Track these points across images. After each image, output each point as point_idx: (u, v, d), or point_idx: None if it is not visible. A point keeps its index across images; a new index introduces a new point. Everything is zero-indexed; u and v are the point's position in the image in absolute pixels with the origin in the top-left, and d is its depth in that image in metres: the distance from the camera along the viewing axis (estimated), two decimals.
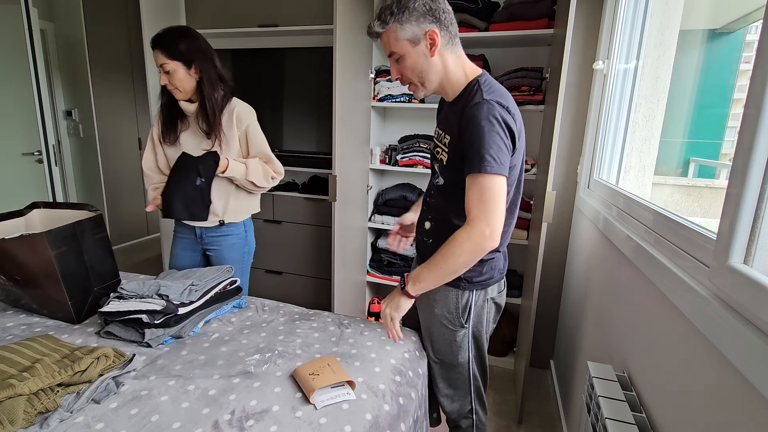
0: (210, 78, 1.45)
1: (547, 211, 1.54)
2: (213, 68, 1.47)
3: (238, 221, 1.63)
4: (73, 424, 0.84)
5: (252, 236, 1.72)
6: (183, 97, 1.47)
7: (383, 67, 2.25)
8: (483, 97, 1.00)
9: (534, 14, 1.91)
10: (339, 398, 0.93)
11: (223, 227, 1.61)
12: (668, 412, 0.81)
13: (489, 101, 0.99)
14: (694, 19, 2.00)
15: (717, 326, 0.63)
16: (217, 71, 1.49)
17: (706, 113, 2.48)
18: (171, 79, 1.41)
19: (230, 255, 1.64)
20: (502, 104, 1.01)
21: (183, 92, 1.45)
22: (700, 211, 2.17)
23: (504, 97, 1.04)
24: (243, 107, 1.55)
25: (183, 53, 1.40)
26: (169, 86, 1.43)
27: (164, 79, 1.41)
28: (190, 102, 1.49)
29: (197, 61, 1.42)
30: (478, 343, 1.21)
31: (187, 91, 1.45)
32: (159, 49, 1.39)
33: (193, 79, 1.44)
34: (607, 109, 1.75)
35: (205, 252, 1.67)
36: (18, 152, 2.97)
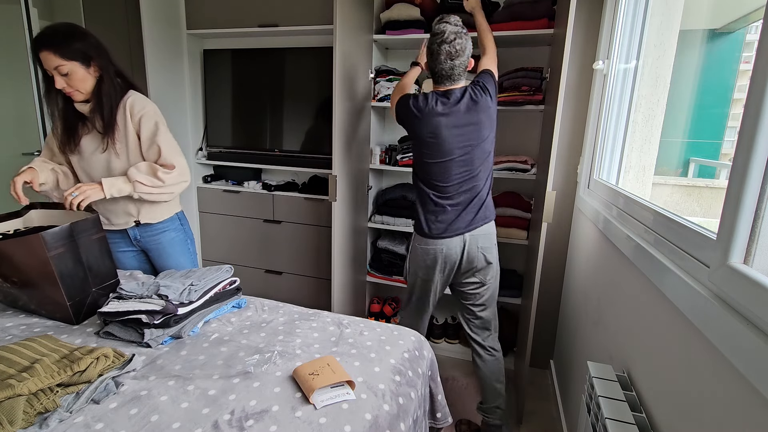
0: (110, 75, 1.38)
1: (547, 211, 1.54)
2: (111, 64, 1.39)
3: (163, 219, 1.59)
4: (72, 424, 0.84)
5: (189, 227, 1.68)
6: (82, 98, 1.37)
7: (383, 67, 2.25)
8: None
9: (534, 14, 1.91)
10: (339, 398, 0.93)
11: (157, 225, 1.57)
12: (668, 412, 0.81)
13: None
14: (694, 19, 2.00)
15: (717, 326, 0.63)
16: (115, 67, 1.42)
17: (706, 113, 2.48)
18: (69, 81, 1.31)
19: (174, 250, 1.61)
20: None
21: (83, 93, 1.36)
22: (700, 211, 2.17)
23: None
24: (137, 98, 1.44)
25: (80, 52, 1.30)
26: (67, 89, 1.32)
27: (61, 82, 1.30)
28: (86, 102, 1.40)
29: (95, 58, 1.34)
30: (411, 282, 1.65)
31: (86, 92, 1.36)
32: (50, 50, 1.26)
33: (93, 78, 1.36)
34: (607, 109, 1.75)
35: (145, 254, 1.64)
36: (18, 152, 2.97)
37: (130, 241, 1.60)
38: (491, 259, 1.59)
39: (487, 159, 1.54)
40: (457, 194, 1.52)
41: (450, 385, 2.08)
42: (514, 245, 2.35)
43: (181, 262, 1.65)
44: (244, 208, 2.63)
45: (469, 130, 1.47)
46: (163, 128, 1.46)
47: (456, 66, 1.45)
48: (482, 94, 1.48)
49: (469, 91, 1.47)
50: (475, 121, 1.46)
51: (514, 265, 2.40)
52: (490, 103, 1.49)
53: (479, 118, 1.47)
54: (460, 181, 1.51)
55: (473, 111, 1.46)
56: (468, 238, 1.54)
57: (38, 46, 1.27)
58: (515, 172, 2.09)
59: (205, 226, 2.76)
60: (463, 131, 1.47)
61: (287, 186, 2.60)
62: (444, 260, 1.56)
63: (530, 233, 2.04)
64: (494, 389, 1.68)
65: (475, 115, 1.46)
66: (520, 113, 2.23)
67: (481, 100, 1.47)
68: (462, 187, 1.52)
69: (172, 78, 2.46)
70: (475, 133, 1.47)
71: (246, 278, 2.68)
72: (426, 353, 1.25)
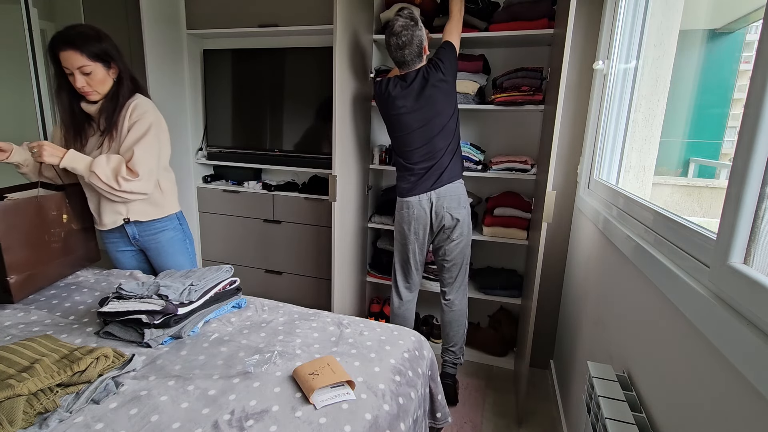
0: (126, 77, 1.42)
1: (547, 211, 1.54)
2: (126, 67, 1.43)
3: (158, 217, 1.59)
4: (72, 424, 0.84)
5: (188, 227, 1.70)
6: (97, 98, 1.40)
7: (383, 67, 2.25)
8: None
9: (534, 14, 1.91)
10: (339, 398, 0.93)
11: (156, 223, 1.58)
12: (668, 412, 0.81)
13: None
14: (694, 19, 2.00)
15: (717, 326, 0.63)
16: (129, 71, 1.45)
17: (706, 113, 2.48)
18: (90, 81, 1.33)
19: (172, 248, 1.61)
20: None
21: (99, 94, 1.38)
22: (700, 211, 2.17)
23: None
24: (140, 102, 1.45)
25: (104, 53, 1.34)
26: (85, 89, 1.34)
27: (82, 81, 1.32)
28: (93, 103, 1.42)
29: (115, 61, 1.38)
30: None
31: (103, 93, 1.39)
32: (76, 50, 1.29)
33: (111, 80, 1.39)
34: (607, 109, 1.75)
35: (143, 253, 1.65)
36: None
37: (128, 240, 1.61)
38: (458, 217, 1.79)
39: (443, 129, 1.74)
40: (420, 161, 1.78)
41: None
42: (514, 245, 2.35)
43: (179, 262, 1.66)
44: (244, 208, 2.63)
45: (421, 105, 1.71)
46: (151, 136, 1.43)
47: (406, 54, 1.69)
48: (434, 70, 1.69)
49: (423, 71, 1.71)
50: (428, 95, 1.70)
51: (514, 265, 2.40)
52: (443, 76, 1.69)
53: (431, 93, 1.70)
54: (420, 151, 1.77)
55: (426, 88, 1.70)
56: (434, 198, 1.78)
57: (62, 45, 1.28)
58: (515, 172, 2.09)
59: (205, 226, 2.76)
60: (418, 106, 1.71)
61: (287, 186, 2.60)
62: (416, 220, 1.82)
63: (530, 233, 2.04)
64: (447, 334, 1.99)
65: (428, 91, 1.70)
66: (520, 113, 2.23)
67: (432, 77, 1.69)
68: (423, 155, 1.77)
69: (172, 78, 2.46)
70: (428, 107, 1.71)
71: (246, 278, 2.68)
72: (426, 353, 1.25)
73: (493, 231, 2.15)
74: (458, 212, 1.80)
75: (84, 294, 1.47)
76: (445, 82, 1.70)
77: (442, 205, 1.78)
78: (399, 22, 1.66)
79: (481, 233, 2.19)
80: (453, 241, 1.84)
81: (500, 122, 2.30)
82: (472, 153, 2.13)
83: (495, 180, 2.35)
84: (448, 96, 1.73)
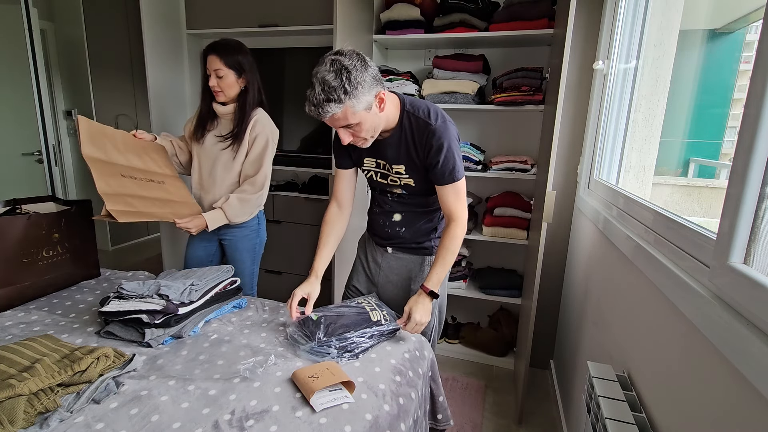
0: (253, 89, 1.62)
1: (547, 211, 1.54)
2: (256, 81, 1.64)
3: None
4: (73, 424, 0.84)
5: (264, 229, 1.84)
6: (225, 100, 1.61)
7: (383, 67, 2.26)
8: (433, 122, 1.18)
9: (534, 14, 1.91)
10: (338, 401, 0.93)
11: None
12: (668, 412, 0.81)
13: (440, 124, 1.18)
14: (694, 19, 2.01)
15: (717, 326, 0.63)
16: (258, 85, 1.65)
17: (706, 113, 2.48)
18: (221, 83, 1.56)
19: (243, 245, 1.76)
20: (445, 117, 1.21)
21: (226, 97, 1.60)
22: (700, 211, 2.17)
23: (434, 108, 1.21)
24: (261, 117, 1.64)
25: (238, 63, 1.57)
26: (216, 88, 1.57)
27: (214, 81, 1.56)
28: (223, 105, 1.63)
29: (247, 73, 1.59)
30: (442, 303, 1.44)
31: (229, 97, 1.60)
32: (216, 55, 1.54)
33: (238, 87, 1.60)
34: (607, 109, 1.75)
35: (220, 242, 1.78)
36: (18, 152, 2.97)
37: (213, 231, 1.68)
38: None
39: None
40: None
41: (450, 386, 2.08)
42: (514, 245, 2.35)
43: (244, 259, 1.77)
44: None
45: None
46: (270, 151, 1.66)
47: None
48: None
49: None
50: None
51: (514, 265, 2.40)
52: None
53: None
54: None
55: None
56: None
57: (209, 51, 1.56)
58: (515, 172, 2.09)
59: None
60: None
61: (287, 186, 2.60)
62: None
63: (530, 233, 2.05)
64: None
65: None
66: (520, 113, 2.23)
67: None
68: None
69: (172, 78, 2.46)
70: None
71: None
72: (426, 353, 1.25)
73: (493, 231, 2.15)
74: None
75: (84, 293, 1.47)
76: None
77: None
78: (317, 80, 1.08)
79: (481, 233, 2.19)
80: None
81: (500, 122, 2.30)
82: (472, 153, 2.13)
83: (495, 180, 2.35)
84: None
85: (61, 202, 1.63)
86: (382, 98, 1.12)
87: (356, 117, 1.08)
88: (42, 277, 1.43)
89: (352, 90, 1.03)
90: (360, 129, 1.12)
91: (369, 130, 1.14)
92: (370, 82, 1.06)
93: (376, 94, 1.09)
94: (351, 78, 1.02)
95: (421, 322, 1.21)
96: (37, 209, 1.51)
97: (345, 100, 1.03)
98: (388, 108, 1.17)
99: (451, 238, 1.23)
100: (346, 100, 1.03)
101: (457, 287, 2.28)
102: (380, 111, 1.13)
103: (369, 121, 1.12)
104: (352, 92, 1.03)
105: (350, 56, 1.05)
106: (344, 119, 1.08)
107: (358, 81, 1.03)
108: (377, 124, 1.15)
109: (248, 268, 1.78)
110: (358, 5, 1.91)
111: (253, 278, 1.82)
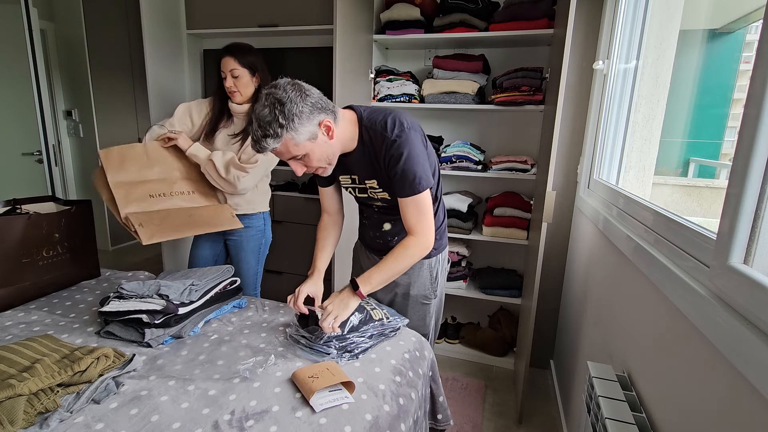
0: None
1: (547, 211, 1.54)
2: (269, 80, 1.61)
3: (249, 213, 1.75)
4: (73, 424, 0.84)
5: (270, 230, 1.86)
6: (241, 100, 1.64)
7: (383, 67, 2.26)
8: (389, 134, 1.10)
9: (534, 14, 1.91)
10: (338, 401, 0.93)
11: (242, 220, 1.71)
12: (668, 412, 0.81)
13: (398, 134, 1.10)
14: (694, 19, 2.01)
15: (717, 326, 0.63)
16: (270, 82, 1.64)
17: (706, 113, 2.48)
18: (237, 82, 1.60)
19: (248, 245, 1.78)
20: (406, 125, 1.11)
21: (241, 96, 1.63)
22: (700, 211, 2.17)
23: (393, 117, 1.13)
24: None
25: (252, 63, 1.61)
26: (232, 88, 1.61)
27: (230, 81, 1.60)
28: (240, 104, 1.66)
29: (260, 71, 1.64)
30: (439, 304, 1.42)
31: (244, 96, 1.64)
32: (232, 56, 1.58)
33: (253, 86, 1.64)
34: (607, 109, 1.75)
35: (225, 242, 1.81)
36: (18, 152, 2.97)
37: (219, 231, 1.69)
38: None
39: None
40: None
41: (450, 386, 2.08)
42: (514, 245, 2.35)
43: (249, 260, 1.79)
44: None
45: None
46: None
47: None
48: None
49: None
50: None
51: (514, 265, 2.40)
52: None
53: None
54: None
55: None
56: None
57: (223, 53, 1.60)
58: (515, 172, 2.09)
59: None
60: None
61: (287, 186, 2.60)
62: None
63: (530, 233, 2.04)
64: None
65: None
66: (520, 113, 2.23)
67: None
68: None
69: (172, 78, 2.46)
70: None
71: None
72: (427, 354, 1.25)
73: (493, 231, 2.15)
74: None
75: (84, 293, 1.47)
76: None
77: None
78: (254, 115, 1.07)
79: (481, 233, 2.19)
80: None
81: (500, 122, 2.30)
82: (472, 153, 2.13)
83: (495, 180, 2.35)
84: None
85: (61, 202, 1.64)
86: (329, 125, 1.06)
87: (300, 148, 1.04)
88: (42, 277, 1.43)
89: (288, 123, 0.99)
90: (310, 160, 1.08)
91: (321, 159, 1.10)
92: (309, 111, 1.02)
93: (320, 123, 1.04)
94: (285, 110, 0.98)
95: (333, 313, 1.12)
96: (37, 209, 1.51)
97: (282, 133, 1.00)
98: (343, 130, 1.12)
99: (403, 247, 1.15)
100: (284, 134, 1.00)
101: (457, 287, 2.28)
102: (330, 138, 1.08)
103: (317, 151, 1.07)
104: (289, 125, 0.99)
105: (284, 88, 1.01)
106: (288, 152, 1.05)
107: (294, 113, 0.99)
108: (329, 153, 1.11)
109: (253, 269, 1.80)
110: (358, 5, 1.91)
111: (257, 279, 1.84)
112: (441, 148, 2.24)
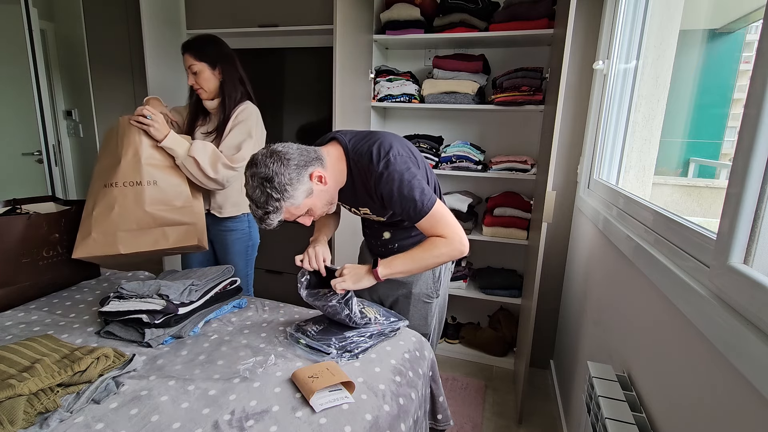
0: (232, 79, 1.58)
1: (547, 211, 1.54)
2: (235, 71, 1.60)
3: (232, 215, 1.67)
4: (73, 424, 0.84)
5: (256, 232, 1.81)
6: (207, 96, 1.58)
7: (383, 67, 2.25)
8: (375, 166, 1.09)
9: (534, 14, 1.91)
10: (338, 401, 0.93)
11: (227, 222, 1.68)
12: (668, 412, 0.81)
13: (384, 166, 1.08)
14: (694, 19, 2.00)
15: (717, 326, 0.63)
16: (239, 74, 1.61)
17: (706, 113, 2.48)
18: (197, 79, 1.54)
19: (234, 248, 1.73)
20: (391, 151, 1.10)
21: (207, 92, 1.57)
22: (700, 211, 2.17)
23: (378, 144, 1.11)
24: (246, 106, 1.60)
25: (209, 56, 1.54)
26: (195, 86, 1.56)
27: (191, 79, 1.55)
28: (212, 100, 1.61)
29: (220, 63, 1.56)
30: (443, 304, 1.43)
31: (210, 91, 1.57)
32: (188, 52, 1.52)
33: (216, 80, 1.57)
34: (607, 109, 1.75)
35: (212, 245, 1.75)
36: (18, 152, 2.97)
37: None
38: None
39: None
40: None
41: (450, 386, 2.08)
42: (514, 245, 2.35)
43: (236, 263, 1.73)
44: None
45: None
46: (251, 141, 1.57)
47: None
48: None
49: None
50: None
51: (514, 265, 2.40)
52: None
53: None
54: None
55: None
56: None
57: (183, 49, 1.54)
58: (515, 172, 2.09)
59: None
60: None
61: None
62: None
63: (530, 233, 2.04)
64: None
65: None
66: (520, 113, 2.23)
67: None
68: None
69: (172, 78, 2.46)
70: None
71: None
72: (427, 354, 1.25)
73: (493, 231, 2.15)
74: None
75: (84, 293, 1.47)
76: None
77: None
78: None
79: (481, 233, 2.19)
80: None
81: (500, 122, 2.30)
82: (472, 153, 2.13)
83: (495, 180, 2.35)
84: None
85: (61, 202, 1.64)
86: (321, 175, 1.07)
87: (302, 208, 1.07)
88: (42, 277, 1.43)
89: (282, 194, 1.01)
90: (314, 212, 1.11)
91: (322, 207, 1.13)
92: (296, 174, 1.02)
93: (310, 176, 1.05)
94: (275, 185, 0.99)
95: (346, 279, 1.14)
96: (37, 209, 1.51)
97: (281, 206, 1.02)
98: (333, 170, 1.13)
99: (431, 243, 1.12)
100: (282, 205, 1.02)
101: (457, 287, 2.28)
102: (324, 185, 1.09)
103: (318, 201, 1.10)
104: (283, 196, 1.01)
105: (264, 163, 1.01)
106: (291, 215, 1.07)
107: (284, 183, 1.00)
108: (329, 197, 1.14)
109: (242, 271, 1.75)
110: (358, 5, 1.91)
111: (247, 281, 1.80)
112: (441, 148, 2.24)
